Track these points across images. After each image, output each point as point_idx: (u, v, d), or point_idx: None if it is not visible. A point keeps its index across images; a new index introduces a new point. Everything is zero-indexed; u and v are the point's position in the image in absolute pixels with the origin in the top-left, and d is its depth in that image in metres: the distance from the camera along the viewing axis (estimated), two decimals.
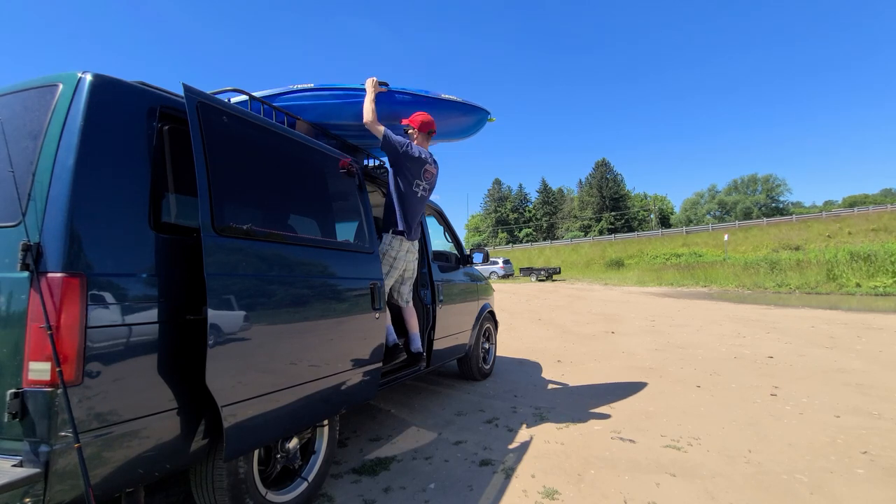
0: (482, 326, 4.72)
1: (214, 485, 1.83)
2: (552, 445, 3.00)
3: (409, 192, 3.03)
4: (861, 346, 6.02)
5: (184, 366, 1.64)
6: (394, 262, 3.03)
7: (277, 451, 2.16)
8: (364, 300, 2.52)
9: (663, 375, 4.78)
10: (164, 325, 1.59)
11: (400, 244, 3.04)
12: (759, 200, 68.93)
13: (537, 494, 2.35)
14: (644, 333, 7.66)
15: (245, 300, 1.76)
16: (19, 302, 1.37)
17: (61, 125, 1.46)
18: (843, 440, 2.95)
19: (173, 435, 1.62)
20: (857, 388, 4.11)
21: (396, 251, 3.03)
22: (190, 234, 1.73)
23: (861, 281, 14.96)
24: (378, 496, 2.36)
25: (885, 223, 33.82)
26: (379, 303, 2.63)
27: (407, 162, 2.97)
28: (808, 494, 2.28)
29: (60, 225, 1.37)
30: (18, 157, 1.47)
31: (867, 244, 22.32)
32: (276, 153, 2.20)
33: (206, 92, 1.87)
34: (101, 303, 1.42)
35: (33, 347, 1.34)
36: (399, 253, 3.05)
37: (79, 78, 1.53)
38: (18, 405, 1.31)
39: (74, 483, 1.34)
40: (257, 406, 1.80)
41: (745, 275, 19.80)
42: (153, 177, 1.65)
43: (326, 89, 2.92)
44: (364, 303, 2.52)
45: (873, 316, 8.94)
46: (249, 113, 2.10)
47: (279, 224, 2.16)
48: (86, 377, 1.36)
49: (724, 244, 34.38)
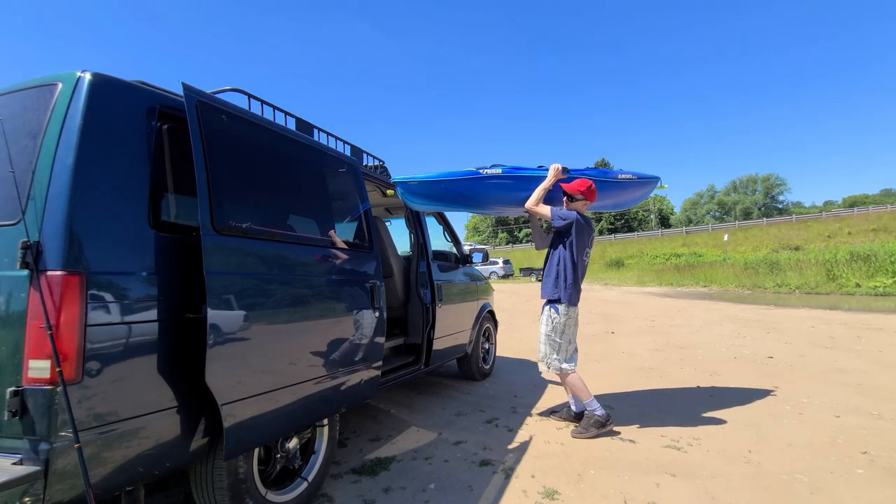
0: (482, 326, 4.72)
1: (214, 484, 1.83)
2: (552, 446, 3.00)
3: (580, 261, 3.10)
4: (861, 346, 6.02)
5: (184, 364, 1.64)
6: (564, 329, 3.09)
7: (277, 451, 2.16)
8: (364, 299, 2.52)
9: (663, 376, 4.77)
10: (163, 323, 1.59)
11: (572, 312, 3.11)
12: (758, 200, 68.92)
13: (537, 494, 2.35)
14: (644, 333, 7.66)
15: (245, 299, 1.76)
16: (19, 300, 1.37)
17: (60, 124, 1.46)
18: (843, 440, 2.95)
19: (173, 434, 1.62)
20: (857, 388, 4.11)
21: (566, 319, 3.09)
22: (189, 232, 1.72)
23: (861, 281, 14.95)
24: (378, 496, 2.36)
25: (885, 223, 33.79)
26: (378, 302, 2.62)
27: (581, 234, 3.07)
28: (808, 495, 2.28)
29: (60, 223, 1.37)
30: (18, 156, 1.47)
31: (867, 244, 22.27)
32: (275, 152, 2.20)
33: (205, 91, 1.87)
34: (100, 301, 1.42)
35: (33, 345, 1.34)
36: (569, 320, 3.11)
37: (78, 77, 1.52)
38: (18, 403, 1.31)
39: (74, 481, 1.33)
40: (257, 405, 1.80)
41: (744, 275, 19.79)
42: (153, 176, 1.65)
43: (510, 177, 3.14)
44: (363, 302, 2.52)
45: (873, 316, 8.94)
46: (249, 112, 2.10)
47: (279, 223, 2.16)
48: (85, 375, 1.36)
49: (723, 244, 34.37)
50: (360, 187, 2.79)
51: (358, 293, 2.49)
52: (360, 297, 2.50)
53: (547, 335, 3.14)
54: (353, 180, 2.76)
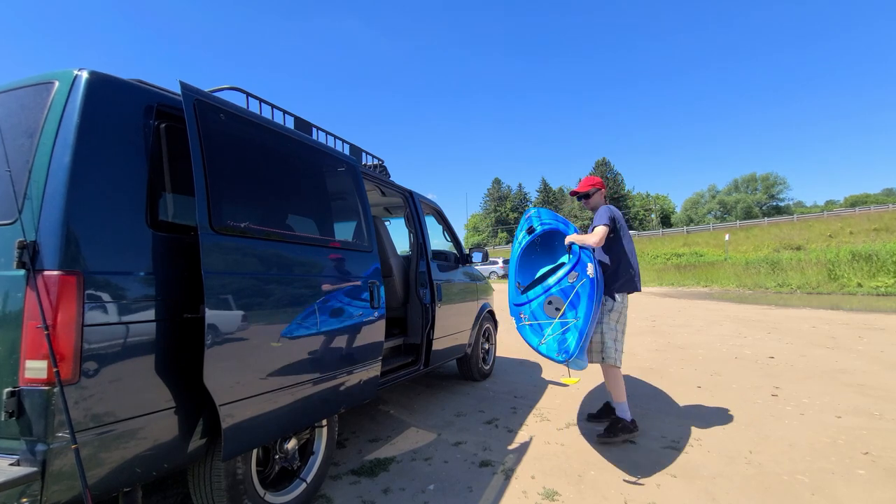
0: (482, 326, 4.71)
1: (212, 485, 1.82)
2: (552, 446, 2.99)
3: (630, 246, 3.11)
4: (862, 346, 6.00)
5: (181, 365, 1.63)
6: (619, 316, 3.05)
7: (276, 452, 2.15)
8: (363, 299, 2.51)
9: (664, 376, 4.76)
10: (161, 323, 1.58)
11: (626, 300, 3.08)
12: (759, 200, 68.85)
13: (537, 495, 2.34)
14: (645, 334, 7.64)
15: (243, 299, 1.76)
16: (15, 300, 1.36)
17: (57, 123, 1.45)
18: (845, 441, 2.94)
19: (171, 434, 1.62)
20: (859, 388, 4.09)
21: (623, 306, 3.06)
22: (188, 232, 1.72)
23: (862, 281, 14.92)
24: (377, 497, 2.35)
25: (887, 223, 33.74)
26: (377, 302, 2.62)
27: (622, 223, 3.12)
28: (808, 495, 2.27)
29: (57, 223, 1.36)
30: (14, 155, 1.47)
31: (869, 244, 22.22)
32: (273, 151, 2.19)
33: (203, 90, 1.86)
34: (97, 301, 1.41)
35: (30, 346, 1.33)
36: (625, 308, 3.07)
37: (75, 75, 1.52)
38: (15, 404, 1.31)
39: (71, 482, 1.33)
40: (255, 406, 1.79)
41: (745, 275, 19.77)
42: (150, 175, 1.64)
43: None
44: (363, 302, 2.51)
45: (875, 316, 8.92)
46: (247, 111, 2.09)
47: (277, 223, 2.15)
48: (83, 376, 1.36)
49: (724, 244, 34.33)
50: (360, 187, 2.78)
51: (357, 293, 2.48)
52: (359, 297, 2.49)
53: (609, 326, 3.01)
54: (353, 180, 2.75)
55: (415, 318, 3.71)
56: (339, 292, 2.36)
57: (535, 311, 2.88)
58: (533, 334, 2.81)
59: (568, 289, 2.78)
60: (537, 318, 2.85)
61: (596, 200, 3.21)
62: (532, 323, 2.85)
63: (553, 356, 2.60)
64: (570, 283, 2.79)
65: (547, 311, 2.82)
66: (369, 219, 2.77)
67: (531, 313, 2.89)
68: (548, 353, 2.64)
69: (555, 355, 2.59)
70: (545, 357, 2.65)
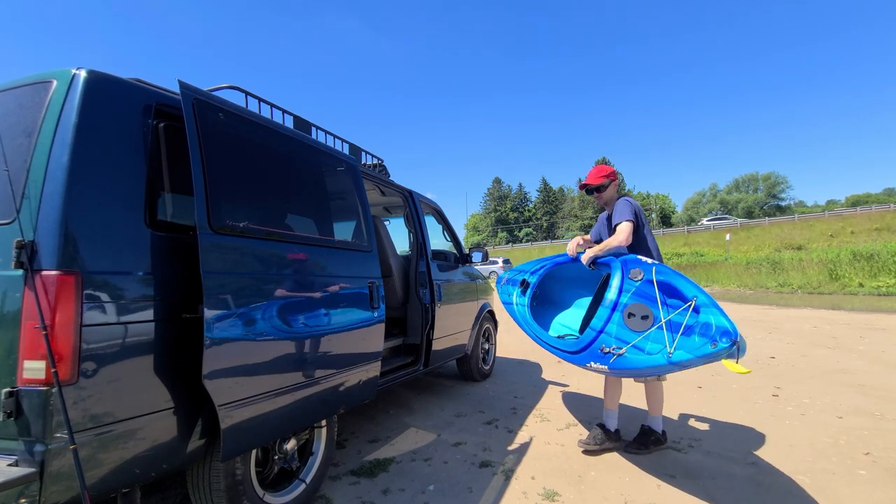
0: (482, 326, 4.70)
1: (211, 486, 1.82)
2: (552, 447, 2.98)
3: (653, 242, 2.83)
4: (864, 346, 5.99)
5: (180, 365, 1.62)
6: None
7: (275, 453, 2.14)
8: (362, 299, 2.51)
9: (664, 376, 4.75)
10: (160, 323, 1.57)
11: None
12: (760, 199, 68.79)
13: (537, 496, 2.34)
14: None
15: (242, 299, 1.75)
16: (14, 300, 1.36)
17: (55, 122, 1.44)
18: (846, 441, 2.93)
19: (170, 435, 1.61)
20: (860, 388, 4.08)
21: None
22: (186, 232, 1.71)
23: (864, 281, 14.90)
24: (377, 498, 2.35)
25: (889, 222, 33.70)
26: (377, 302, 2.61)
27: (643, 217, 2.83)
28: (809, 496, 2.26)
29: (55, 223, 1.36)
30: (12, 155, 1.46)
31: (870, 244, 22.22)
32: (273, 151, 2.18)
33: (202, 89, 1.86)
34: (96, 301, 1.41)
35: (28, 346, 1.32)
36: None
37: (73, 74, 1.51)
38: (13, 404, 1.30)
39: (70, 483, 1.32)
40: (255, 406, 1.78)
41: (746, 274, 19.74)
42: (149, 174, 1.64)
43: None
44: (362, 302, 2.50)
45: (876, 316, 8.90)
46: (246, 110, 2.08)
47: (276, 222, 2.15)
48: (81, 376, 1.35)
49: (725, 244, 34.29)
50: (359, 186, 2.78)
51: (356, 293, 2.48)
52: (358, 297, 2.48)
53: None
54: (352, 179, 2.75)
55: (414, 318, 3.70)
56: (339, 292, 2.36)
57: (618, 334, 2.29)
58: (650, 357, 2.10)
59: (644, 288, 2.30)
60: (626, 340, 2.23)
61: (609, 194, 2.89)
62: (627, 347, 2.20)
63: (713, 351, 1.85)
64: (636, 280, 2.34)
65: (631, 325, 2.25)
66: (369, 218, 2.77)
67: (616, 339, 2.27)
68: (703, 353, 1.89)
69: (711, 348, 1.86)
70: (710, 362, 1.96)
